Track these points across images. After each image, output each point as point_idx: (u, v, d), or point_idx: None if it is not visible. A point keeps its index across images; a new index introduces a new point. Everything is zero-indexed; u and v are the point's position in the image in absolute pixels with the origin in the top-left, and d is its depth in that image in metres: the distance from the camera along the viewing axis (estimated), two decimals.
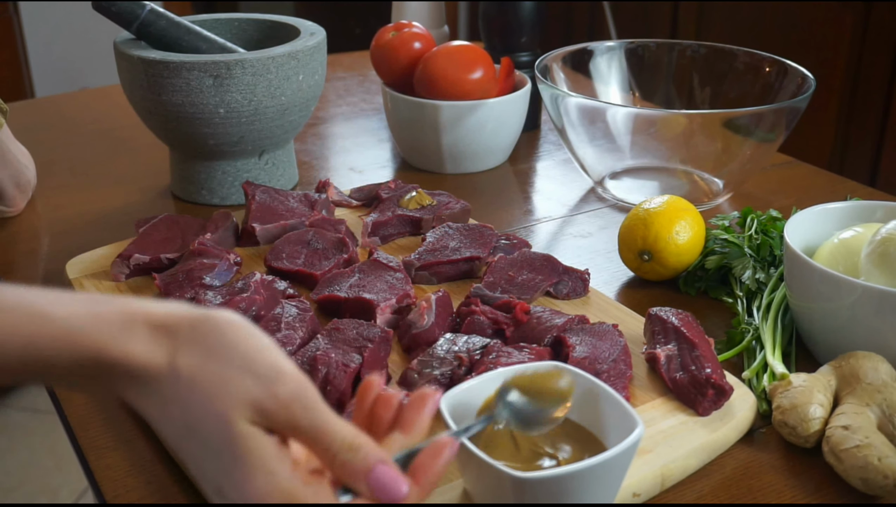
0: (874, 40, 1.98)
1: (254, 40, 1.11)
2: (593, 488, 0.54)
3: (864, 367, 0.68)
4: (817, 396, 0.67)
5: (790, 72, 1.09)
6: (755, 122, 1.00)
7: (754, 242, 0.88)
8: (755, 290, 0.84)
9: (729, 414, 0.68)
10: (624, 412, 0.58)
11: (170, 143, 1.05)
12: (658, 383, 0.71)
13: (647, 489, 0.62)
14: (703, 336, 0.73)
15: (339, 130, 1.34)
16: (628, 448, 0.54)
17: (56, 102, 1.51)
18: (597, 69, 1.21)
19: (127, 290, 0.85)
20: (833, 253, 0.78)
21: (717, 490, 0.64)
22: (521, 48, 1.26)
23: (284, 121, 1.02)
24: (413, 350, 0.75)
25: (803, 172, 1.20)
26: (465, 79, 1.12)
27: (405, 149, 1.20)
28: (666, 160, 1.09)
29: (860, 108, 2.04)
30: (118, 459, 0.67)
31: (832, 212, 0.83)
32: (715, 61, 1.18)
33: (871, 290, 0.69)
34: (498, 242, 0.90)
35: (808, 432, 0.65)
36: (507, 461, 0.56)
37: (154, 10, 0.99)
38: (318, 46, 1.02)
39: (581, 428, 0.61)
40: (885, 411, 0.66)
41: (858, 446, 0.62)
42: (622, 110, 1.06)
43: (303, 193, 0.98)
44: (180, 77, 0.95)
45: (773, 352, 0.74)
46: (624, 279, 0.92)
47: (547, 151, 1.25)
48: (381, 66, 1.18)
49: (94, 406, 0.73)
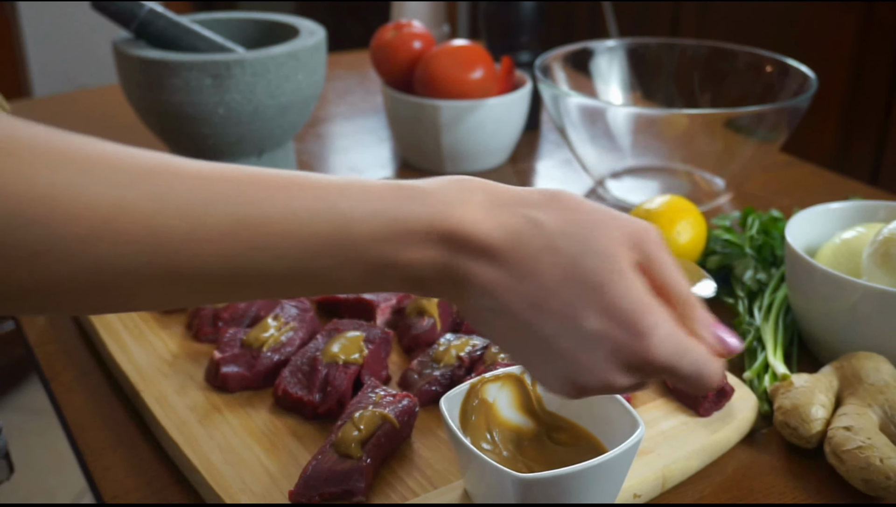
0: (876, 40, 1.97)
1: (253, 40, 1.10)
2: (594, 488, 0.54)
3: (865, 367, 0.68)
4: (819, 397, 0.66)
5: (792, 71, 1.08)
6: (756, 121, 1.00)
7: (755, 242, 0.88)
8: (756, 290, 0.84)
9: (730, 415, 0.67)
10: (625, 413, 0.57)
11: (169, 143, 1.05)
12: (659, 383, 0.71)
13: (648, 490, 0.62)
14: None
15: (338, 130, 1.34)
16: (629, 449, 0.54)
17: (55, 102, 1.51)
18: (597, 69, 1.20)
19: None
20: (835, 253, 0.77)
21: (718, 491, 0.64)
22: (522, 48, 1.26)
23: (284, 120, 1.02)
24: (413, 350, 0.75)
25: (805, 171, 1.20)
26: (465, 78, 1.11)
27: (405, 148, 1.20)
28: (667, 160, 1.09)
29: (862, 107, 2.04)
30: (117, 460, 0.66)
31: (834, 212, 0.83)
32: (716, 61, 1.17)
33: (873, 290, 0.69)
34: None
35: (809, 433, 0.65)
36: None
37: (153, 9, 0.99)
38: (317, 46, 1.02)
39: (581, 429, 0.60)
40: (887, 412, 0.65)
41: (860, 447, 0.62)
42: (623, 110, 1.06)
43: None
44: (179, 77, 0.95)
45: (775, 353, 0.74)
46: None
47: (547, 151, 1.25)
48: (381, 66, 1.18)
49: (93, 407, 0.72)
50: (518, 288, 0.46)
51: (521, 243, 0.46)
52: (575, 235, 0.46)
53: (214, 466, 0.62)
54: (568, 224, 0.46)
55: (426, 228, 0.46)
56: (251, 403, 0.69)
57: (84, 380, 0.76)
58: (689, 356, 0.46)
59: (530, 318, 0.46)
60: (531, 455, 0.59)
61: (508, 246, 0.46)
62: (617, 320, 0.45)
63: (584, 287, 0.45)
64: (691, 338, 0.47)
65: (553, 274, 0.45)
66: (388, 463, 0.63)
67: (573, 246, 0.46)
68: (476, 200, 0.47)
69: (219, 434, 0.65)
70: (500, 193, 0.47)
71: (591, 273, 0.45)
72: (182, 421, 0.66)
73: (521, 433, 0.61)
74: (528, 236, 0.46)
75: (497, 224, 0.46)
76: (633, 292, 0.45)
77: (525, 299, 0.46)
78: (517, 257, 0.46)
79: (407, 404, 0.64)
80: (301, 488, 0.58)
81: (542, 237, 0.46)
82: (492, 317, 0.47)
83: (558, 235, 0.46)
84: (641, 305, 0.45)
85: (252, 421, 0.67)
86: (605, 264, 0.45)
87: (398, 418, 0.63)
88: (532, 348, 0.47)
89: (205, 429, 0.66)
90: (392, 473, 0.62)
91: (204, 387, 0.70)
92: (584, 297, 0.45)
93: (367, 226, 0.45)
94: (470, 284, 0.46)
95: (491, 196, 0.47)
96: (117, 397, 0.73)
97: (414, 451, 0.64)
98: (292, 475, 0.61)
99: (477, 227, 0.46)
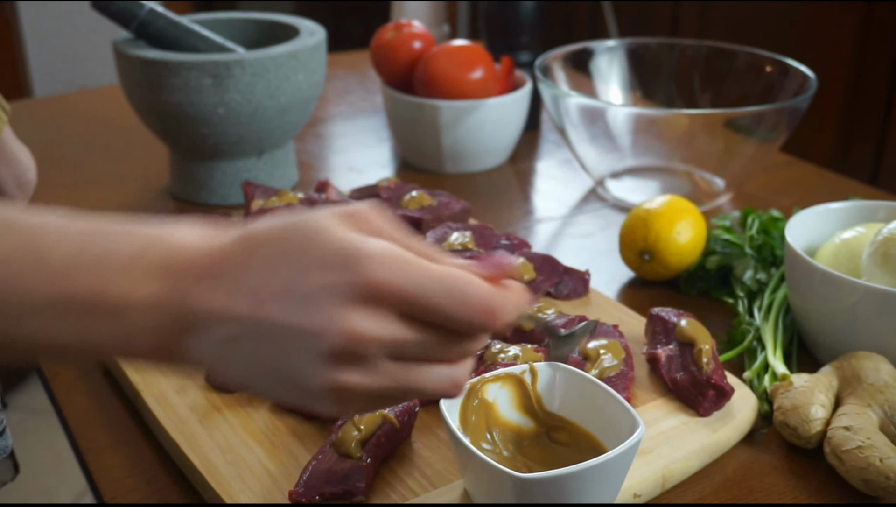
0: (876, 40, 1.97)
1: (253, 40, 1.10)
2: (594, 488, 0.54)
3: (865, 367, 0.68)
4: (818, 396, 0.66)
5: (791, 71, 1.08)
6: (756, 121, 1.00)
7: (755, 242, 0.88)
8: (756, 290, 0.84)
9: (730, 415, 0.67)
10: (625, 413, 0.57)
11: (169, 143, 1.05)
12: (659, 383, 0.71)
13: (648, 489, 0.62)
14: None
15: (338, 130, 1.34)
16: (629, 449, 0.54)
17: (55, 102, 1.51)
18: (597, 69, 1.20)
19: None
20: (835, 253, 0.77)
21: (718, 491, 0.64)
22: (522, 48, 1.26)
23: (284, 121, 1.02)
24: None
25: (805, 171, 1.20)
26: (465, 79, 1.11)
27: (405, 149, 1.20)
28: (667, 160, 1.09)
29: (862, 107, 2.04)
30: (117, 459, 0.67)
31: (834, 212, 0.83)
32: (716, 61, 1.17)
33: (873, 290, 0.69)
34: (498, 243, 0.89)
35: (809, 432, 0.65)
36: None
37: (153, 9, 0.99)
38: (317, 46, 1.02)
39: (581, 428, 0.60)
40: (886, 412, 0.65)
41: (860, 447, 0.62)
42: (623, 110, 1.06)
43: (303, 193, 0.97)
44: (179, 77, 0.95)
45: (775, 352, 0.74)
46: (624, 280, 0.91)
47: (547, 151, 1.25)
48: (381, 66, 1.18)
49: (94, 407, 0.72)
50: (240, 291, 0.43)
51: (233, 253, 0.44)
52: (278, 225, 0.45)
53: (214, 466, 0.62)
54: (271, 223, 0.45)
55: (137, 255, 0.44)
56: (251, 403, 0.69)
57: (84, 380, 0.76)
58: (431, 276, 0.43)
59: (261, 316, 0.43)
60: (531, 455, 0.59)
61: (225, 255, 0.44)
62: (326, 265, 0.43)
63: (291, 257, 0.43)
64: (436, 265, 0.44)
65: (264, 264, 0.43)
66: (388, 463, 0.63)
67: (276, 233, 0.44)
68: (187, 227, 0.46)
69: (219, 434, 0.65)
70: (212, 223, 0.47)
71: (294, 242, 0.44)
72: (182, 421, 0.66)
73: (521, 433, 0.61)
74: (238, 245, 0.45)
75: (209, 241, 0.45)
76: (337, 235, 0.43)
77: (248, 297, 0.43)
78: (233, 263, 0.44)
79: (407, 404, 0.64)
80: (301, 488, 0.58)
81: (248, 240, 0.45)
82: (229, 346, 0.44)
83: (262, 232, 0.45)
84: (347, 240, 0.43)
85: (252, 421, 0.67)
86: (307, 227, 0.44)
87: (398, 417, 0.63)
88: (274, 352, 0.44)
89: (205, 429, 0.66)
90: (392, 473, 0.62)
91: (204, 387, 0.70)
92: (294, 264, 0.43)
93: (64, 251, 0.43)
94: (199, 313, 0.44)
95: (202, 226, 0.46)
96: (117, 397, 0.73)
97: (414, 451, 0.64)
98: (292, 475, 0.61)
99: (192, 247, 0.44)
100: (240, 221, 0.70)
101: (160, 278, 0.44)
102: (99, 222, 0.45)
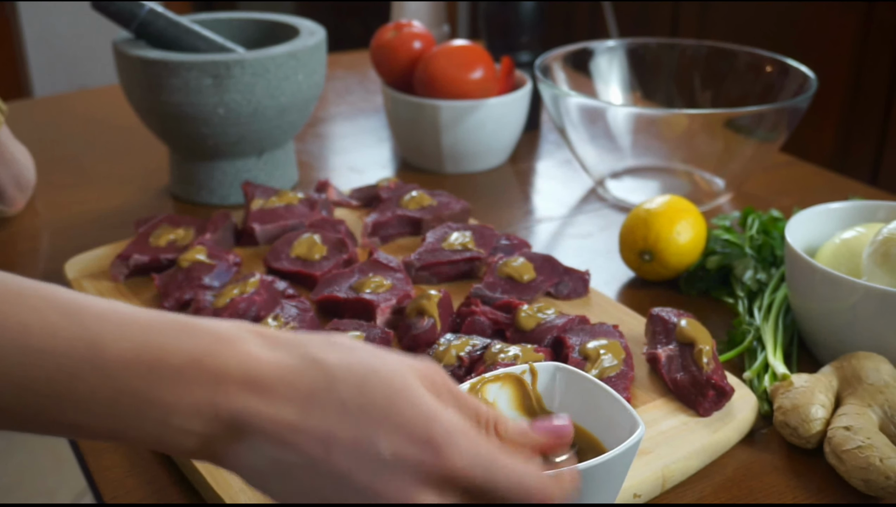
0: (876, 40, 1.97)
1: (253, 40, 1.10)
2: (594, 489, 0.54)
3: (865, 367, 0.68)
4: (819, 396, 0.66)
5: (791, 71, 1.08)
6: (756, 121, 1.00)
7: (755, 242, 0.88)
8: (756, 290, 0.84)
9: (730, 415, 0.67)
10: (625, 413, 0.57)
11: (169, 143, 1.05)
12: (659, 383, 0.71)
13: (648, 490, 0.62)
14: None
15: (338, 130, 1.34)
16: (629, 449, 0.54)
17: (55, 102, 1.51)
18: (597, 69, 1.20)
19: (126, 290, 0.85)
20: (835, 253, 0.77)
21: (718, 491, 0.64)
22: (522, 48, 1.26)
23: (284, 121, 1.02)
24: (413, 350, 0.75)
25: (805, 171, 1.20)
26: (465, 79, 1.12)
27: (405, 149, 1.20)
28: (667, 160, 1.09)
29: (862, 107, 2.04)
30: (117, 459, 0.66)
31: (834, 212, 0.83)
32: (716, 61, 1.17)
33: (873, 290, 0.69)
34: (498, 243, 0.89)
35: (809, 432, 0.65)
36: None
37: (153, 9, 0.99)
38: (317, 46, 1.02)
39: (581, 429, 0.60)
40: (886, 412, 0.65)
41: (860, 447, 0.62)
42: (623, 110, 1.06)
43: (303, 193, 0.97)
44: (179, 77, 0.95)
45: (775, 352, 0.74)
46: (624, 280, 0.91)
47: (547, 151, 1.25)
48: (381, 66, 1.18)
49: None
50: (304, 425, 0.42)
51: (301, 379, 0.43)
52: (357, 365, 0.44)
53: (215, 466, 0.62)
54: (348, 359, 0.44)
55: (191, 363, 0.42)
56: None
57: None
58: (502, 469, 0.43)
59: (321, 456, 0.42)
60: None
61: (289, 382, 0.43)
62: (410, 437, 0.42)
63: (372, 411, 0.42)
64: (504, 451, 0.44)
65: (338, 405, 0.42)
66: None
67: (356, 376, 0.43)
68: (250, 339, 0.44)
69: None
70: (275, 335, 0.45)
71: (377, 395, 0.43)
72: None
73: None
74: (308, 372, 0.43)
75: (275, 360, 0.43)
76: (423, 404, 0.43)
77: (312, 436, 0.42)
78: (299, 392, 0.43)
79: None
80: None
81: (322, 372, 0.43)
82: (275, 471, 0.43)
83: (339, 368, 0.43)
84: (433, 414, 0.42)
85: None
86: (392, 382, 0.43)
87: None
88: (330, 495, 0.43)
89: None
90: None
91: None
92: (374, 421, 0.42)
93: (121, 347, 0.42)
94: (251, 429, 0.42)
95: (267, 338, 0.44)
96: None
97: None
98: None
99: (253, 363, 0.43)
100: (294, 321, 0.71)
101: (213, 387, 0.42)
102: (161, 318, 0.44)
